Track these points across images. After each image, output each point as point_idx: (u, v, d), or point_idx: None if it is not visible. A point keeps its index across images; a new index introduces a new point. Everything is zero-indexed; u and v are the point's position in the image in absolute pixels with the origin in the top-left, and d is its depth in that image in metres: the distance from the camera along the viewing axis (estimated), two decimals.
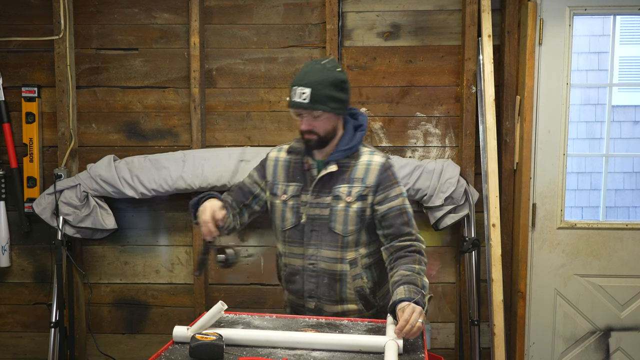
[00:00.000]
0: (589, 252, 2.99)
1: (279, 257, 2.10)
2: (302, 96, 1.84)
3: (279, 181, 2.03)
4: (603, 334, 3.02)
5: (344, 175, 1.95)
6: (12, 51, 3.01)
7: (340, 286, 1.97)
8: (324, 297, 1.98)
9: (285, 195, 1.99)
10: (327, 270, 1.97)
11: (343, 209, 1.93)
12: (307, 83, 1.84)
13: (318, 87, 1.84)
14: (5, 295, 3.12)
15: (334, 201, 1.94)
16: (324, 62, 1.92)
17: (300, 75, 1.88)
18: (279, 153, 2.07)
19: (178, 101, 3.02)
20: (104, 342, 3.10)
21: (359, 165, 1.96)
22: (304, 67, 1.92)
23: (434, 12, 2.95)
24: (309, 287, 1.99)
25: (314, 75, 1.85)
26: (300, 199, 1.97)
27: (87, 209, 2.86)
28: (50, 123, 3.02)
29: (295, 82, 1.87)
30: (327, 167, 1.94)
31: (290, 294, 2.07)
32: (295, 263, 2.01)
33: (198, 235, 2.99)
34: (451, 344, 3.07)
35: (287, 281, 2.06)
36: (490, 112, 2.79)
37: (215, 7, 2.98)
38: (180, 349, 1.59)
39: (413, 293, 1.74)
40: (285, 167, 2.03)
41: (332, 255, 1.96)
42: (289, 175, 2.01)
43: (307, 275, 1.99)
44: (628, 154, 3.69)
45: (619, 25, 3.64)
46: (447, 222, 2.83)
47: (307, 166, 1.98)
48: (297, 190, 1.98)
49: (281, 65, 2.99)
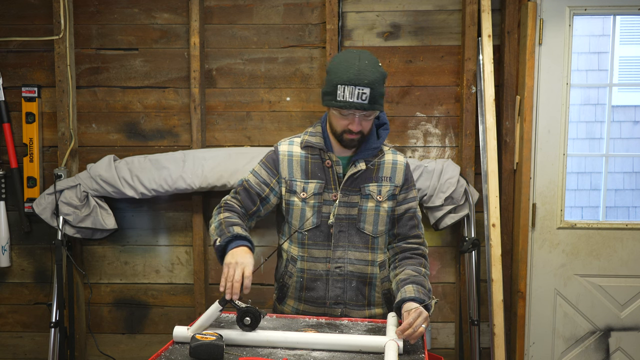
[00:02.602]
0: (589, 252, 2.99)
1: (289, 262, 1.94)
2: (362, 96, 1.73)
3: (296, 178, 1.89)
4: (603, 334, 3.02)
5: (371, 173, 1.90)
6: (12, 51, 3.01)
7: (369, 290, 1.92)
8: (351, 302, 1.91)
9: (304, 193, 1.88)
10: (355, 274, 1.89)
11: (373, 209, 1.88)
12: (367, 83, 1.73)
13: (376, 86, 1.75)
14: (5, 295, 3.12)
15: (363, 200, 1.88)
16: (366, 56, 1.79)
17: (354, 73, 1.73)
18: (292, 147, 1.93)
19: (178, 101, 3.02)
20: (104, 342, 3.10)
21: (385, 164, 1.92)
22: (350, 62, 1.77)
23: (434, 12, 2.95)
24: (334, 292, 1.89)
25: (371, 74, 1.74)
26: (323, 197, 1.88)
27: (87, 209, 2.86)
28: (50, 123, 3.02)
29: (351, 80, 1.73)
30: (357, 165, 1.87)
31: (305, 303, 1.93)
32: (318, 268, 1.89)
33: (198, 235, 2.99)
34: (451, 344, 3.07)
35: (304, 289, 1.92)
36: (490, 112, 2.79)
37: (215, 7, 2.98)
38: (180, 349, 1.59)
39: (422, 294, 1.73)
40: (302, 163, 1.90)
41: (362, 257, 1.89)
42: (308, 171, 1.89)
43: (332, 280, 1.89)
44: (628, 154, 3.68)
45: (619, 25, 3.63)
46: (447, 222, 2.83)
47: (329, 163, 1.88)
48: (319, 188, 1.87)
49: (281, 65, 2.99)
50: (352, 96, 1.73)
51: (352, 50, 1.83)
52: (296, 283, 1.93)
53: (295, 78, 2.99)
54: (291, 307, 1.97)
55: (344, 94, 1.74)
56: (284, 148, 1.94)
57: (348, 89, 1.73)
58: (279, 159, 1.92)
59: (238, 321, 1.66)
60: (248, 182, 1.93)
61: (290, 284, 1.94)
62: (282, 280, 1.97)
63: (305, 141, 1.92)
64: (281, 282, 1.98)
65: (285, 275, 1.96)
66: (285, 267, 1.96)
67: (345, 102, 1.75)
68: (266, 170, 1.93)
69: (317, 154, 1.90)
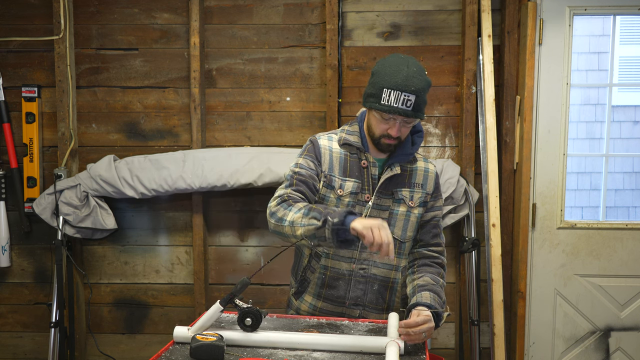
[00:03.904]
0: (589, 252, 2.99)
1: (312, 258, 1.93)
2: (407, 103, 1.71)
3: (335, 174, 1.86)
4: (603, 334, 3.02)
5: (404, 179, 1.89)
6: (12, 51, 3.01)
7: (390, 294, 1.92)
8: (370, 305, 1.90)
9: (342, 190, 1.85)
10: (379, 277, 1.89)
11: (404, 214, 1.88)
12: (414, 90, 1.71)
13: (421, 94, 1.73)
14: (5, 295, 3.12)
15: (395, 204, 1.87)
16: (415, 63, 1.77)
17: (402, 79, 1.71)
18: (331, 143, 1.90)
19: (178, 101, 3.02)
20: (104, 342, 3.10)
21: (418, 171, 1.91)
22: (398, 67, 1.74)
23: (434, 12, 2.95)
24: (355, 293, 1.89)
25: (418, 82, 1.72)
26: (358, 197, 1.85)
27: (87, 209, 2.85)
28: (50, 123, 3.02)
29: (399, 86, 1.71)
30: (393, 168, 1.86)
31: (324, 301, 1.92)
32: (341, 267, 1.88)
33: (198, 235, 2.99)
34: (451, 344, 3.07)
35: (325, 286, 1.90)
36: (490, 112, 2.79)
37: (215, 7, 2.98)
38: (180, 350, 1.59)
39: (437, 304, 1.73)
40: (341, 160, 1.87)
41: (388, 261, 1.88)
42: (346, 169, 1.86)
43: (354, 280, 1.88)
44: (628, 154, 3.68)
45: (619, 25, 3.63)
46: (447, 222, 2.83)
47: (365, 164, 1.86)
48: (357, 188, 1.85)
49: (281, 65, 2.99)
50: (397, 102, 1.72)
51: (400, 55, 1.80)
52: (318, 279, 1.91)
53: (295, 78, 2.99)
54: (309, 303, 1.94)
55: (389, 98, 1.72)
56: (324, 142, 1.90)
57: (394, 93, 1.72)
58: (320, 152, 1.88)
59: (239, 321, 1.66)
60: (301, 174, 1.84)
61: (312, 279, 1.92)
62: (303, 274, 1.95)
63: (344, 139, 1.89)
64: (302, 276, 1.95)
65: (307, 270, 1.94)
66: (309, 263, 1.93)
67: (390, 107, 1.73)
68: (312, 162, 1.87)
69: (355, 153, 1.88)
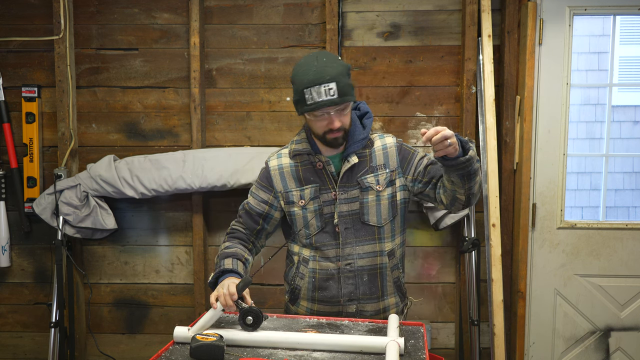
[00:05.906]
0: (589, 252, 2.99)
1: (301, 264, 1.97)
2: (329, 92, 1.73)
3: (291, 188, 1.93)
4: (603, 334, 3.02)
5: (365, 165, 1.90)
6: (12, 51, 3.01)
7: (381, 281, 1.93)
8: (364, 297, 1.92)
9: (302, 200, 1.91)
10: (366, 268, 1.91)
11: (374, 200, 1.89)
12: (330, 78, 1.73)
13: (340, 78, 1.74)
14: (5, 295, 3.12)
15: (363, 193, 1.88)
16: (323, 54, 1.81)
17: (315, 73, 1.74)
18: (280, 160, 1.97)
19: (178, 101, 3.02)
20: (104, 342, 3.10)
21: (376, 152, 1.92)
22: (309, 65, 1.77)
23: (434, 12, 2.95)
24: (347, 289, 1.91)
25: (332, 69, 1.74)
26: (321, 199, 1.90)
27: (87, 209, 2.85)
28: (50, 123, 3.02)
29: (314, 80, 1.73)
30: (349, 160, 1.88)
31: (319, 304, 1.95)
32: (328, 267, 1.92)
33: (198, 235, 2.99)
34: (451, 344, 3.07)
35: (317, 288, 1.94)
36: (490, 112, 2.79)
37: (215, 7, 2.98)
38: (180, 350, 1.59)
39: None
40: (293, 173, 1.94)
41: (370, 249, 1.91)
42: (300, 179, 1.92)
43: (344, 277, 1.91)
44: (628, 154, 3.68)
45: (619, 25, 3.62)
46: (447, 222, 2.83)
47: (320, 165, 1.90)
48: (315, 192, 1.90)
49: (281, 65, 2.98)
50: (320, 95, 1.74)
51: (309, 54, 1.84)
52: (308, 284, 1.95)
53: None
54: (305, 307, 1.98)
55: (312, 96, 1.74)
56: (273, 163, 1.98)
57: (314, 90, 1.73)
58: (270, 175, 1.96)
59: (240, 321, 1.66)
60: (249, 204, 2.00)
61: (302, 286, 1.97)
62: (293, 281, 1.99)
63: (293, 150, 1.95)
64: (292, 284, 2.00)
65: (296, 277, 1.98)
66: (297, 269, 1.98)
67: (316, 103, 1.75)
68: (262, 189, 1.98)
69: (306, 160, 1.93)
